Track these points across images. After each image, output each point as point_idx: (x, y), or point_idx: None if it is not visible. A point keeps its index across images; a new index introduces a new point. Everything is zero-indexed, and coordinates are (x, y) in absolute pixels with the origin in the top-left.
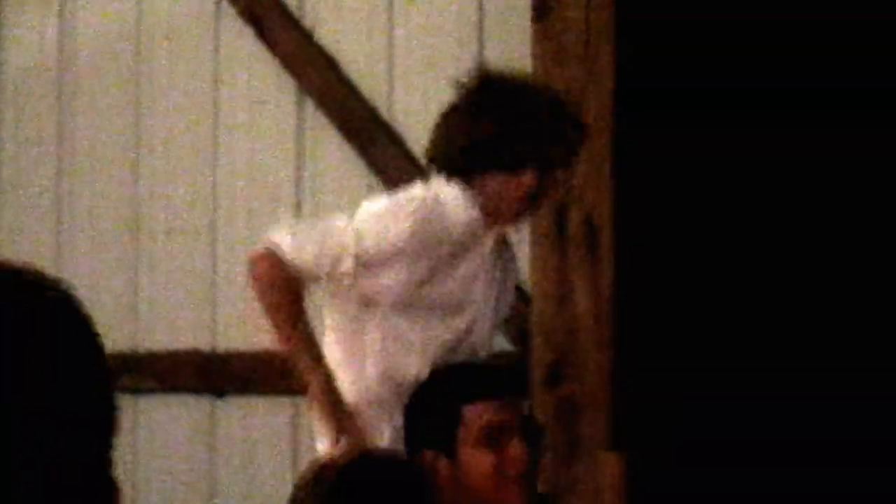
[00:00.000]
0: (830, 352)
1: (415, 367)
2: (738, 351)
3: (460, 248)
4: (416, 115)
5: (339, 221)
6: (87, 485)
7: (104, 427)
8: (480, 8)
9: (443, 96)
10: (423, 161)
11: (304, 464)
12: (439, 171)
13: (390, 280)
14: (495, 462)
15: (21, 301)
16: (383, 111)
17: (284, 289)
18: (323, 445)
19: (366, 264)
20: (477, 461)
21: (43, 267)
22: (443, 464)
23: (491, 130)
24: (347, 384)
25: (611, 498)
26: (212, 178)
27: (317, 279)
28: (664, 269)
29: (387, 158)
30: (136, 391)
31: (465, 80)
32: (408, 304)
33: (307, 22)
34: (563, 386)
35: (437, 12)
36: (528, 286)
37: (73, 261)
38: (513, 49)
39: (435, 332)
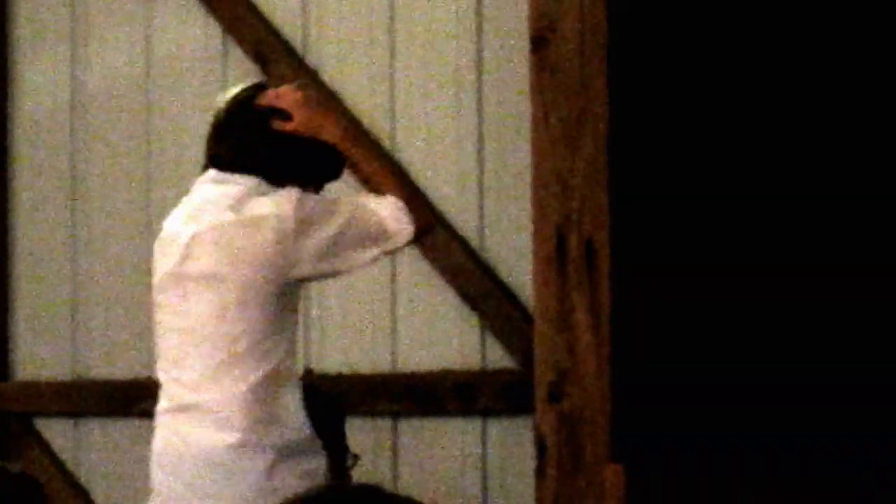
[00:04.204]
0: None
1: None
2: (734, 363)
3: None
4: (416, 147)
5: None
6: None
7: None
8: (479, 40)
9: (442, 130)
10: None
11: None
12: None
13: None
14: None
15: None
16: (385, 143)
17: None
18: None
19: None
20: None
21: (60, 301)
22: None
23: None
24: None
25: None
26: None
27: None
28: (660, 289)
29: None
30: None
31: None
32: None
33: (311, 61)
34: (565, 402)
35: (437, 51)
36: (530, 306)
37: (88, 299)
38: (511, 81)
39: None
